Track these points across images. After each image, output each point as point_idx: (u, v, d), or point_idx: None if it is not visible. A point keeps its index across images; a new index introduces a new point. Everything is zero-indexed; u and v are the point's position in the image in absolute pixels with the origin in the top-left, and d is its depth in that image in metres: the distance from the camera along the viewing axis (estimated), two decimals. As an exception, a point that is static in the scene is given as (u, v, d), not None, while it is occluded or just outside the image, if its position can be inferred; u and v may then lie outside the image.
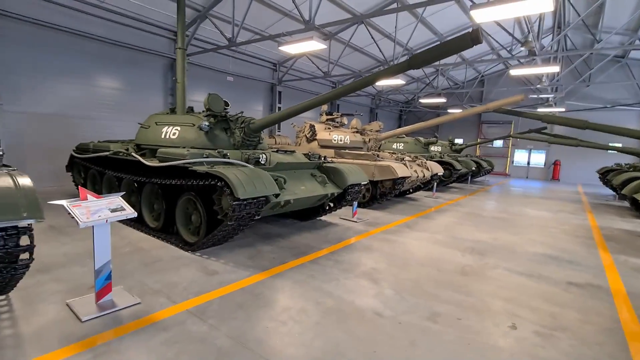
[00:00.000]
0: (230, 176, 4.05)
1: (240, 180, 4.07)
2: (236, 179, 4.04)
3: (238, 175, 4.12)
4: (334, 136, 9.90)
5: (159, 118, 6.23)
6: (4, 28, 8.37)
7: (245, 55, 14.51)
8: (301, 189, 5.30)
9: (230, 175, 4.07)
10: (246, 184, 4.07)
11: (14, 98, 8.70)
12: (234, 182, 3.98)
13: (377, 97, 24.14)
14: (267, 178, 4.43)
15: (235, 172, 4.19)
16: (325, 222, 6.97)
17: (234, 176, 4.07)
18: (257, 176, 4.33)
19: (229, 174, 4.07)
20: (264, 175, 4.42)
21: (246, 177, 4.17)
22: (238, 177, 4.08)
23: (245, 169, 4.44)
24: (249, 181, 4.14)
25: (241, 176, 4.14)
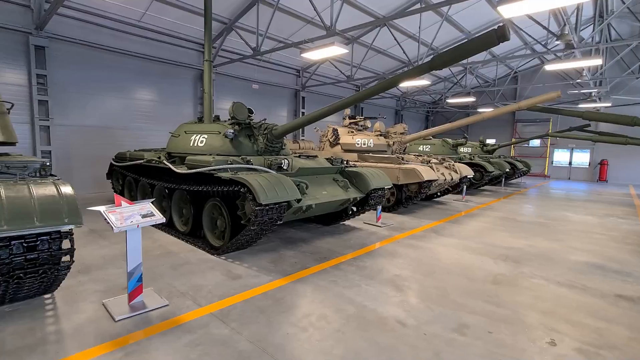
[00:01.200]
0: (253, 182, 4.15)
1: (262, 185, 4.16)
2: (258, 185, 4.13)
3: (260, 181, 4.22)
4: (357, 140, 9.87)
5: (187, 127, 6.51)
6: (56, 50, 9.09)
7: (269, 63, 14.83)
8: (323, 194, 5.33)
9: (253, 181, 4.17)
10: (268, 190, 4.16)
11: (63, 113, 9.41)
12: (256, 188, 4.08)
13: (402, 98, 23.81)
14: (289, 183, 4.50)
15: (258, 178, 4.29)
16: (348, 226, 6.95)
17: (256, 182, 4.17)
18: (279, 182, 4.41)
19: (251, 180, 4.18)
20: (285, 181, 4.50)
21: (268, 183, 4.26)
22: (260, 183, 4.18)
23: (268, 175, 4.53)
24: (270, 187, 4.22)
25: (263, 182, 4.24)
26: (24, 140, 8.73)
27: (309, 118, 5.31)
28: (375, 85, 4.62)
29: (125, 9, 9.65)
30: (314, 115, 5.24)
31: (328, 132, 10.44)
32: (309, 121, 5.36)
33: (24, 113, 8.63)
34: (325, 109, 5.12)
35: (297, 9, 11.25)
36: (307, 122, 5.40)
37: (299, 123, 5.54)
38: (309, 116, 5.32)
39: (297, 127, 5.63)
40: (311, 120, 5.32)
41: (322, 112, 5.14)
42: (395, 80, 4.44)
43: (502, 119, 23.73)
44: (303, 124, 5.50)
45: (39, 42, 8.46)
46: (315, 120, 5.33)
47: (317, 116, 5.22)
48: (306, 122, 5.42)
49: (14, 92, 8.49)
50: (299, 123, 5.54)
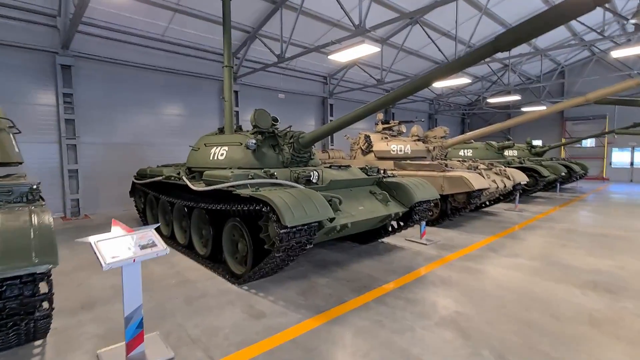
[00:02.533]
0: (276, 200, 3.45)
1: (288, 204, 3.45)
2: (283, 203, 3.42)
3: (285, 199, 3.51)
4: (392, 146, 8.99)
5: (207, 139, 6.00)
6: (82, 69, 9.08)
7: (295, 71, 14.36)
8: (359, 210, 4.53)
9: (276, 199, 3.47)
10: (295, 209, 3.44)
11: (89, 131, 9.35)
12: (280, 207, 3.37)
13: (435, 101, 22.57)
14: (320, 200, 3.76)
15: (282, 195, 3.59)
16: (388, 245, 6.08)
17: (280, 200, 3.47)
18: (308, 198, 3.68)
19: (274, 198, 3.48)
20: (315, 197, 3.76)
21: (295, 200, 3.54)
22: (285, 201, 3.47)
23: (294, 190, 3.82)
24: (298, 205, 3.50)
25: (289, 199, 3.52)
26: (52, 160, 8.68)
27: (339, 123, 4.58)
28: (416, 81, 3.81)
29: (148, 24, 9.52)
30: (344, 119, 4.51)
31: (360, 139, 9.65)
32: (339, 126, 4.63)
33: (53, 132, 8.59)
34: (357, 112, 4.39)
35: (322, 12, 10.69)
36: (336, 127, 4.67)
37: (328, 129, 4.81)
38: (338, 121, 4.59)
39: (326, 133, 4.90)
40: (341, 125, 4.58)
41: (352, 116, 4.41)
42: (443, 71, 3.61)
43: (548, 117, 21.78)
44: (332, 130, 4.77)
45: (64, 61, 8.45)
46: (345, 126, 4.60)
47: (347, 121, 4.48)
48: (336, 128, 4.69)
49: (43, 113, 8.49)
50: (327, 129, 4.82)
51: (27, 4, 7.83)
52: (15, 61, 8.06)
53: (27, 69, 8.23)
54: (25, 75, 8.22)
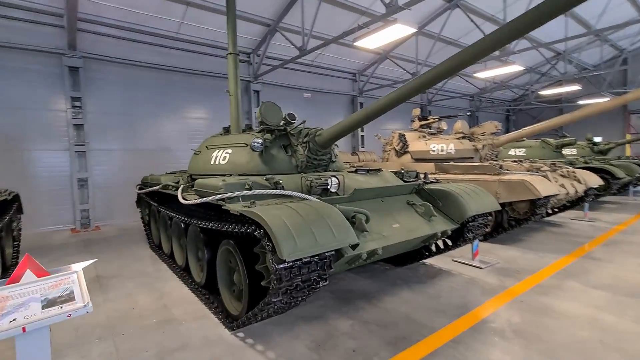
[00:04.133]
0: (272, 220, 2.39)
1: (289, 227, 2.38)
2: (281, 226, 2.36)
3: (286, 218, 2.45)
4: (432, 146, 7.69)
5: (210, 141, 5.10)
6: (94, 71, 8.64)
7: (321, 68, 13.35)
8: (394, 229, 3.37)
9: (273, 218, 2.42)
10: (299, 234, 2.37)
11: (102, 136, 8.88)
12: (276, 232, 2.31)
13: (476, 97, 20.66)
14: (337, 218, 2.67)
15: (283, 213, 2.53)
16: (432, 268, 4.83)
17: (278, 220, 2.41)
18: (320, 217, 2.59)
19: (269, 217, 2.43)
20: (331, 214, 2.67)
21: (300, 221, 2.47)
22: (285, 222, 2.41)
23: (302, 205, 2.74)
24: (304, 227, 2.43)
25: (292, 219, 2.46)
26: (63, 169, 8.25)
27: (363, 115, 3.47)
28: (463, 53, 2.63)
29: (160, 20, 8.93)
30: (369, 110, 3.39)
31: (393, 139, 8.43)
32: (363, 119, 3.51)
33: (63, 139, 8.15)
34: (383, 100, 3.27)
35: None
36: (360, 121, 3.56)
37: (350, 124, 3.68)
38: (362, 113, 3.49)
39: (347, 129, 3.77)
40: (367, 117, 3.46)
41: (379, 105, 3.30)
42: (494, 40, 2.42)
43: (607, 111, 19.18)
44: (355, 125, 3.66)
45: (72, 62, 8.01)
46: (372, 118, 3.47)
47: (374, 111, 3.37)
48: (359, 122, 3.58)
49: (53, 119, 8.09)
50: (349, 124, 3.69)
51: (33, 3, 7.43)
52: (22, 64, 7.72)
53: (35, 72, 7.87)
54: (33, 79, 7.87)
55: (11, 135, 7.65)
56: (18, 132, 7.73)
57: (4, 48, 7.43)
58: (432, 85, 3.02)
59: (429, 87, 3.09)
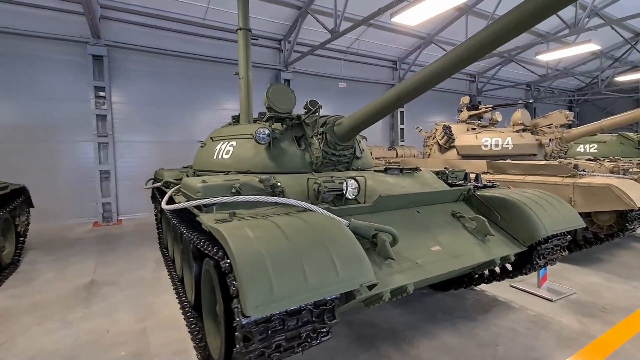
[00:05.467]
0: (240, 249, 1.57)
1: (267, 259, 1.55)
2: (251, 259, 1.54)
3: (264, 245, 1.62)
4: (484, 139, 6.46)
5: (217, 132, 4.40)
6: (119, 60, 8.39)
7: (358, 55, 12.30)
8: (433, 253, 2.41)
9: (242, 245, 1.60)
10: (279, 272, 1.53)
11: (128, 127, 8.64)
12: (241, 270, 1.49)
13: (534, 87, 18.40)
14: (345, 244, 1.79)
15: (263, 235, 1.70)
16: (483, 297, 3.77)
17: (249, 249, 1.58)
18: (318, 242, 1.74)
19: (237, 242, 1.61)
20: (336, 238, 1.81)
21: (285, 250, 1.63)
22: (261, 253, 1.57)
23: (295, 222, 1.90)
24: (289, 262, 1.59)
25: (272, 246, 1.63)
26: (87, 161, 8.10)
27: (395, 96, 2.54)
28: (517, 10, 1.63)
29: (186, 6, 8.45)
30: (403, 87, 2.44)
31: (436, 132, 7.28)
32: (395, 101, 2.57)
33: (87, 130, 7.98)
34: (420, 75, 2.31)
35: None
36: (391, 103, 2.62)
37: (376, 109, 2.74)
38: (392, 93, 2.56)
39: (374, 115, 2.81)
40: (401, 97, 2.52)
41: (415, 81, 2.34)
42: None
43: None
44: (383, 110, 2.73)
45: (96, 51, 7.76)
46: (405, 98, 2.53)
47: (407, 90, 2.43)
48: (389, 105, 2.64)
49: (77, 109, 7.92)
50: (375, 109, 2.75)
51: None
52: (49, 54, 7.60)
53: (61, 62, 7.75)
54: (59, 69, 7.75)
55: (37, 126, 7.60)
56: (43, 123, 7.66)
57: (32, 38, 7.33)
58: (482, 54, 2.03)
59: (479, 57, 2.08)
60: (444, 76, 2.21)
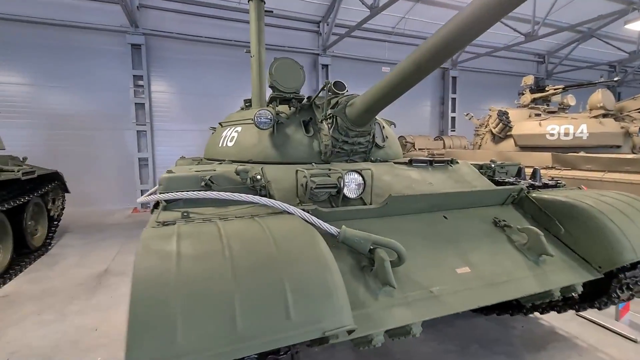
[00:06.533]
0: (142, 273, 1.10)
1: (165, 296, 1.05)
2: (151, 295, 1.05)
3: (181, 271, 1.12)
4: (550, 127, 5.36)
5: (229, 117, 4.03)
6: (157, 48, 8.45)
7: (404, 36, 11.26)
8: (456, 278, 1.76)
9: (147, 265, 1.13)
10: (188, 315, 1.03)
11: (166, 115, 8.76)
12: (133, 310, 1.01)
13: (619, 67, 15.65)
14: (308, 271, 1.23)
15: (191, 251, 1.22)
16: (537, 323, 2.97)
17: (153, 277, 1.10)
18: (263, 270, 1.20)
19: (144, 261, 1.14)
20: (296, 263, 1.26)
21: (199, 284, 1.12)
22: (163, 283, 1.08)
23: (244, 233, 1.39)
24: (207, 298, 1.08)
25: (189, 272, 1.13)
26: (127, 149, 8.34)
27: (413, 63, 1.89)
28: None
29: (221, -10, 8.23)
30: (426, 48, 1.76)
31: (490, 119, 6.26)
32: (414, 70, 1.92)
33: (127, 119, 8.18)
34: (443, 32, 1.60)
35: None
36: (409, 73, 1.96)
37: (389, 85, 2.10)
38: (409, 60, 1.90)
39: (390, 91, 2.16)
40: (420, 65, 1.86)
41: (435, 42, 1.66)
42: None
43: None
44: (401, 82, 2.07)
45: (134, 40, 7.86)
46: (428, 64, 1.85)
47: (430, 52, 1.75)
48: (407, 75, 1.98)
49: (117, 98, 8.14)
50: (387, 85, 2.11)
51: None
52: (90, 44, 7.85)
53: (103, 51, 7.97)
54: (101, 58, 7.97)
55: (83, 115, 7.94)
56: (89, 111, 7.98)
57: (75, 28, 7.60)
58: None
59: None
60: (481, 24, 1.52)
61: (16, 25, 7.24)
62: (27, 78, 7.51)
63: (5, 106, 7.23)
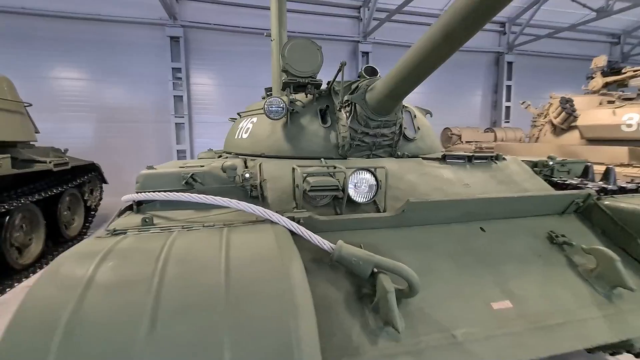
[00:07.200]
0: (21, 313, 0.84)
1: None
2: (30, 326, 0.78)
3: (77, 313, 0.85)
4: (627, 117, 4.46)
5: (248, 107, 3.79)
6: (195, 41, 8.52)
7: (454, 18, 10.30)
8: (490, 316, 1.32)
9: (29, 304, 0.86)
10: None
11: (204, 107, 8.87)
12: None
13: None
14: (261, 316, 0.89)
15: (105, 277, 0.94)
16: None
17: (40, 305, 0.83)
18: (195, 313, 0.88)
19: (28, 300, 0.88)
20: (251, 302, 0.92)
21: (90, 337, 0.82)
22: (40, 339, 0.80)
23: (192, 253, 1.08)
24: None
25: (83, 319, 0.84)
26: (166, 140, 8.55)
27: (440, 30, 1.41)
28: None
29: (257, -22, 8.04)
30: (459, 7, 1.29)
31: (550, 107, 5.42)
32: (440, 40, 1.45)
33: (165, 111, 8.38)
34: None
35: None
36: (435, 44, 1.49)
37: (412, 62, 1.64)
38: (435, 27, 1.43)
39: (410, 72, 1.71)
40: (448, 32, 1.39)
41: None
42: None
43: None
44: (423, 64, 1.62)
45: (173, 32, 7.95)
46: (460, 33, 1.38)
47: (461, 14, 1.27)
48: (434, 47, 1.51)
49: (157, 91, 8.33)
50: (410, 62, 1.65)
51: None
52: (132, 39, 8.07)
53: (143, 45, 8.16)
54: (141, 52, 8.18)
55: (125, 107, 8.26)
56: (132, 104, 8.28)
57: (117, 23, 7.85)
58: None
59: None
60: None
61: (70, 23, 7.63)
62: (81, 73, 7.95)
63: (63, 100, 7.75)
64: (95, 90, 8.07)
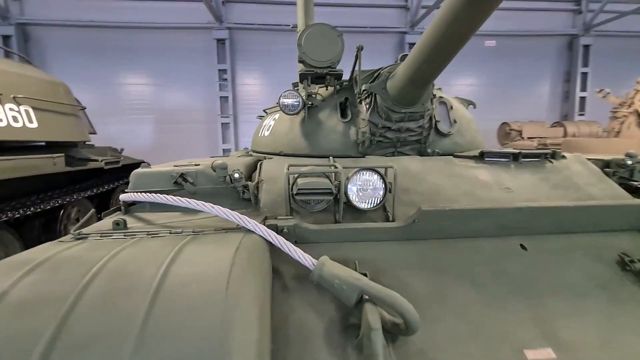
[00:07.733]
0: None
1: None
2: None
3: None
4: None
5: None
6: (240, 42, 8.71)
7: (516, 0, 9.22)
8: None
9: None
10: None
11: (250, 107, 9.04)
12: None
13: None
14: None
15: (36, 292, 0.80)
16: None
17: None
18: None
19: None
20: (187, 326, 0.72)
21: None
22: None
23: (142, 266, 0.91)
24: None
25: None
26: (209, 140, 8.85)
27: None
28: None
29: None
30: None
31: (636, 94, 4.53)
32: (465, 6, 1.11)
33: (212, 112, 8.68)
34: None
35: None
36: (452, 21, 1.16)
37: (433, 37, 1.31)
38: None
39: (432, 50, 1.38)
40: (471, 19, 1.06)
41: None
42: None
43: None
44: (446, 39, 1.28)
45: (219, 34, 8.20)
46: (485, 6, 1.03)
47: None
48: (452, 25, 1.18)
49: (203, 92, 8.64)
50: (431, 38, 1.32)
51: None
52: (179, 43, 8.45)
53: (190, 49, 8.50)
54: (191, 55, 8.54)
55: (178, 109, 8.73)
56: (182, 106, 8.72)
57: (170, 30, 8.29)
58: None
59: None
60: None
61: (131, 33, 8.25)
62: (142, 78, 8.58)
63: (127, 105, 8.45)
64: (153, 94, 8.65)
